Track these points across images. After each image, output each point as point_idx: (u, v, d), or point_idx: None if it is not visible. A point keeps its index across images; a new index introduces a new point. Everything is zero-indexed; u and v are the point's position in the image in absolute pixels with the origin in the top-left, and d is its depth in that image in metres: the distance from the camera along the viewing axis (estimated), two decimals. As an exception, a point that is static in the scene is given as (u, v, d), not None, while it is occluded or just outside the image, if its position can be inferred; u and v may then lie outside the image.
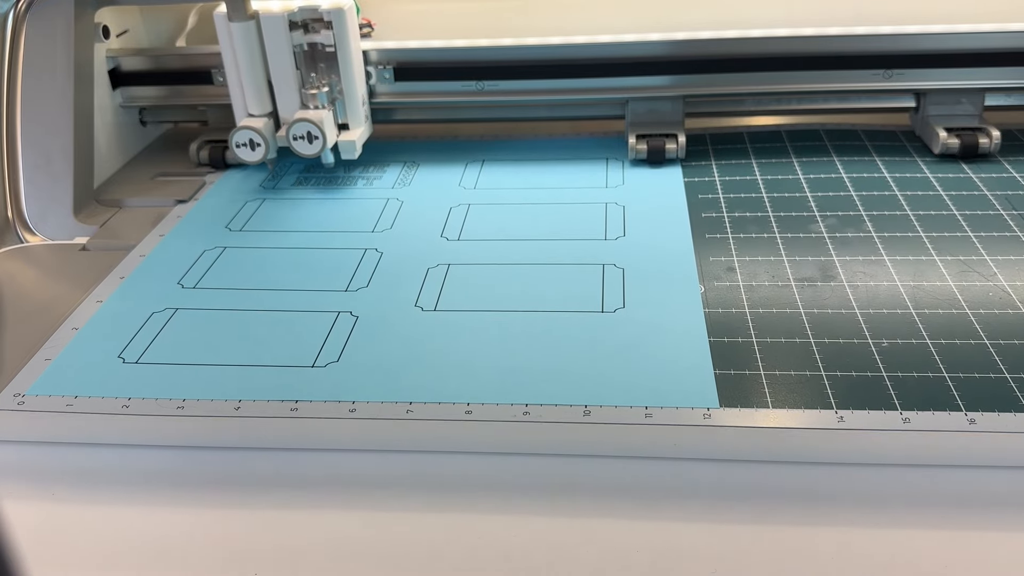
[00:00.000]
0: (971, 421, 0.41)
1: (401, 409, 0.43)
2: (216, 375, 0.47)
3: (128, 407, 0.45)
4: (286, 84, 0.67)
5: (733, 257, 0.55)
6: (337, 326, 0.50)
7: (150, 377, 0.47)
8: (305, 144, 0.66)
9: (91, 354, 0.49)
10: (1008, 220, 0.58)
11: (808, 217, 0.60)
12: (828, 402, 0.42)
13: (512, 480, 0.41)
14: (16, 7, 0.68)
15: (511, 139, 0.78)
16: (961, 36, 0.68)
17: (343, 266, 0.57)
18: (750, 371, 0.45)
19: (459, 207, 0.64)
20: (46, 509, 0.41)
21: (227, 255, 0.59)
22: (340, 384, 0.46)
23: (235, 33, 0.65)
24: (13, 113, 0.67)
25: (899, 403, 0.42)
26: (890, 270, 0.53)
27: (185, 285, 0.56)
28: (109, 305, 0.54)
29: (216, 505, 0.41)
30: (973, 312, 0.49)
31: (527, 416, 0.43)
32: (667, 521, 0.39)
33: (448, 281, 0.55)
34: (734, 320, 0.49)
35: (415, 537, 0.39)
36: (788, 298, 0.51)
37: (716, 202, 0.63)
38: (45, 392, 0.46)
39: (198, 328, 0.51)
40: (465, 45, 0.71)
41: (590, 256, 0.56)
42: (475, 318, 0.51)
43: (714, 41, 0.70)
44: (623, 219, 0.61)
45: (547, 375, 0.45)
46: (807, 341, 0.47)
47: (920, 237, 0.57)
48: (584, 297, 0.52)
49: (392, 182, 0.70)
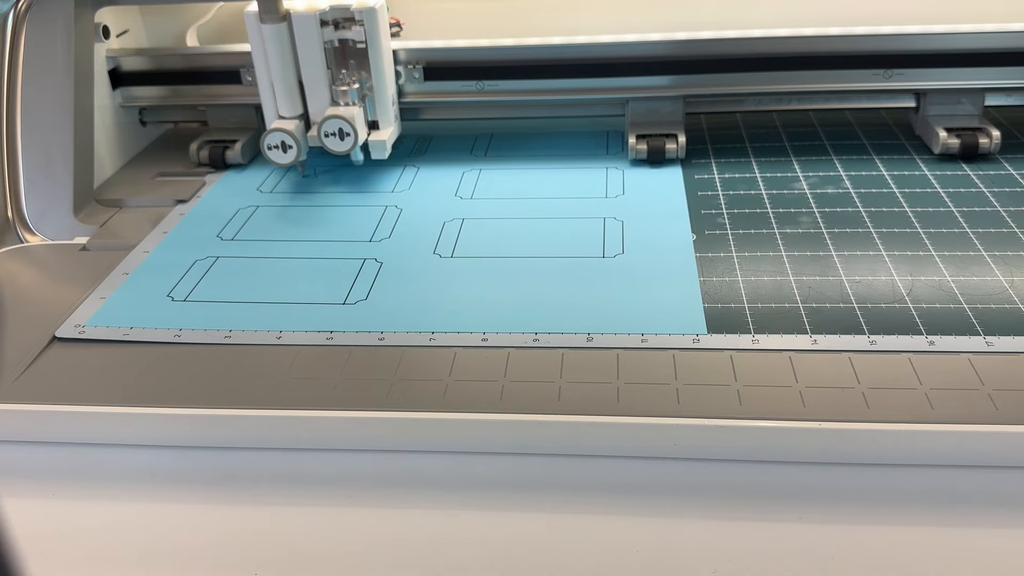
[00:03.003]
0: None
1: (424, 338, 0.48)
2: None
3: (180, 336, 0.49)
4: (317, 84, 0.67)
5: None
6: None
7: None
8: (336, 141, 0.66)
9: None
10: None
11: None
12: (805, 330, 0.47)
13: (511, 479, 0.41)
14: (16, 7, 0.68)
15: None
16: (961, 36, 0.68)
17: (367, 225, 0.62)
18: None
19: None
20: (46, 509, 0.41)
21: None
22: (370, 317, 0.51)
23: (267, 34, 0.65)
24: (13, 113, 0.67)
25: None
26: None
27: (224, 237, 0.61)
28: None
29: (216, 504, 0.41)
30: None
31: (536, 342, 0.47)
32: (667, 520, 0.39)
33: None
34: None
35: (415, 536, 0.39)
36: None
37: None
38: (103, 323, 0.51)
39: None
40: (465, 45, 0.71)
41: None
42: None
43: (714, 41, 0.70)
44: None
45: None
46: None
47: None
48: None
49: (408, 150, 0.74)
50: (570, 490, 0.41)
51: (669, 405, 0.42)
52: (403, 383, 0.45)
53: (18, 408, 0.45)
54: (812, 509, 0.39)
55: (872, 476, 0.40)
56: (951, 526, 0.38)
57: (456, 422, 0.42)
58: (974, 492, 0.39)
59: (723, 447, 0.41)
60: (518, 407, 0.43)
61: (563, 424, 0.42)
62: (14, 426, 0.45)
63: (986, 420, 0.40)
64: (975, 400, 0.41)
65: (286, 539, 0.39)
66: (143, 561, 0.38)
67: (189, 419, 0.43)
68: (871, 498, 0.39)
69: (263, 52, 0.66)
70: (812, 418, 0.41)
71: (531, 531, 0.39)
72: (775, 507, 0.39)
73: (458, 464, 0.42)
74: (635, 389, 0.43)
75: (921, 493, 0.40)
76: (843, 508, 0.39)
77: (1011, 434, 0.40)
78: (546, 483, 0.41)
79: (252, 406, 0.44)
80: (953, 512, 0.39)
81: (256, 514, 0.40)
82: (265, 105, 0.69)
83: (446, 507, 0.40)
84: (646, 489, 0.40)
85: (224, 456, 0.43)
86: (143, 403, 0.44)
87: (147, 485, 0.42)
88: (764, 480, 0.41)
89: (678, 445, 0.41)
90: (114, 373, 0.47)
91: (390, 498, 0.41)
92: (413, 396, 0.44)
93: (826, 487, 0.40)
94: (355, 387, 0.45)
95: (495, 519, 0.39)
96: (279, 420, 0.43)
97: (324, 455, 0.43)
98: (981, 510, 0.39)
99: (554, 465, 0.42)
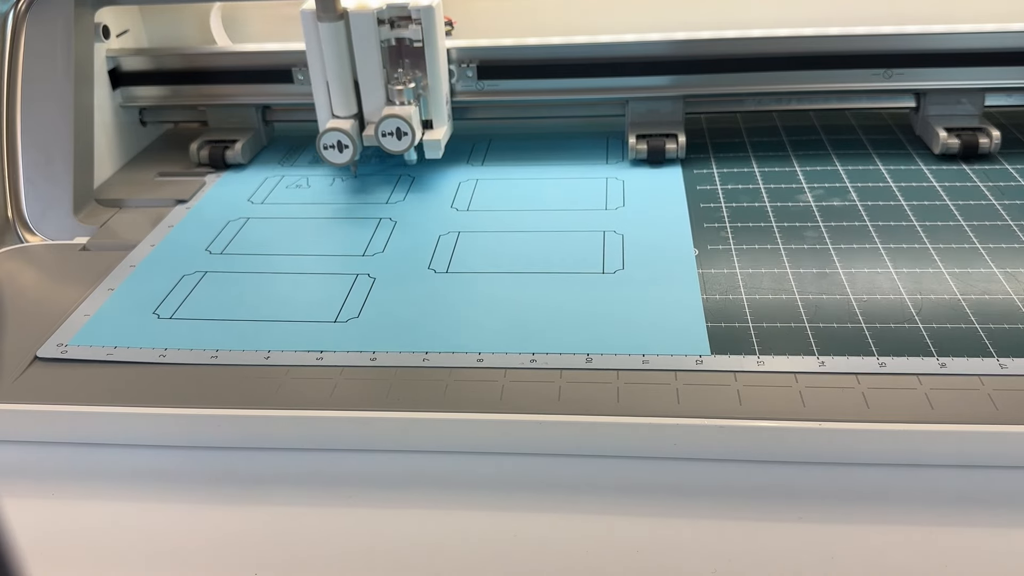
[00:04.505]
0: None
1: (418, 358, 0.46)
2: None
3: (165, 356, 0.48)
4: (373, 83, 0.66)
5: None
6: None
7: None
8: (394, 140, 0.65)
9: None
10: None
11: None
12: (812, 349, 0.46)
13: (511, 479, 0.41)
14: (16, 7, 0.68)
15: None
16: (961, 36, 0.68)
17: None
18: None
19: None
20: (46, 509, 0.41)
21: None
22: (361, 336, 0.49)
23: (323, 33, 0.64)
24: (13, 113, 0.67)
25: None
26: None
27: (212, 251, 0.60)
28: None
29: (216, 504, 0.41)
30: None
31: (533, 363, 0.45)
32: (667, 520, 0.39)
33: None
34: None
35: (415, 536, 0.39)
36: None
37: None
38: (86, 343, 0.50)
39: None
40: (465, 45, 0.71)
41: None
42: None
43: (714, 41, 0.70)
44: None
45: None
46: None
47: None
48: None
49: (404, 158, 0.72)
50: (570, 490, 0.41)
51: (669, 405, 0.42)
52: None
53: (18, 408, 0.45)
54: (812, 509, 0.39)
55: (872, 476, 0.40)
56: (951, 526, 0.38)
57: (456, 422, 0.42)
58: (974, 492, 0.39)
59: (723, 447, 0.41)
60: (518, 407, 0.42)
61: (563, 424, 0.42)
62: (14, 426, 0.45)
63: (986, 420, 0.40)
64: (975, 400, 0.41)
65: (286, 539, 0.39)
66: (143, 561, 0.38)
67: (189, 419, 0.43)
68: (871, 498, 0.39)
69: (319, 51, 0.65)
70: (812, 418, 0.41)
71: (531, 531, 0.39)
72: (775, 507, 0.39)
73: (458, 464, 0.42)
74: (635, 389, 0.43)
75: (921, 493, 0.40)
76: (843, 508, 0.39)
77: (1011, 434, 0.40)
78: (546, 483, 0.41)
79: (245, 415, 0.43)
80: (953, 512, 0.38)
81: (256, 514, 0.40)
82: (318, 104, 0.68)
83: (446, 507, 0.40)
84: (646, 489, 0.40)
85: (224, 456, 0.43)
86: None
87: (147, 485, 0.42)
88: (764, 480, 0.41)
89: (678, 445, 0.41)
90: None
91: (390, 498, 0.41)
92: (413, 396, 0.44)
93: (826, 487, 0.40)
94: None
95: (495, 519, 0.39)
96: (279, 420, 0.43)
97: (324, 455, 0.43)
98: (981, 510, 0.39)
99: (554, 465, 0.42)
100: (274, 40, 0.78)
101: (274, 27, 0.85)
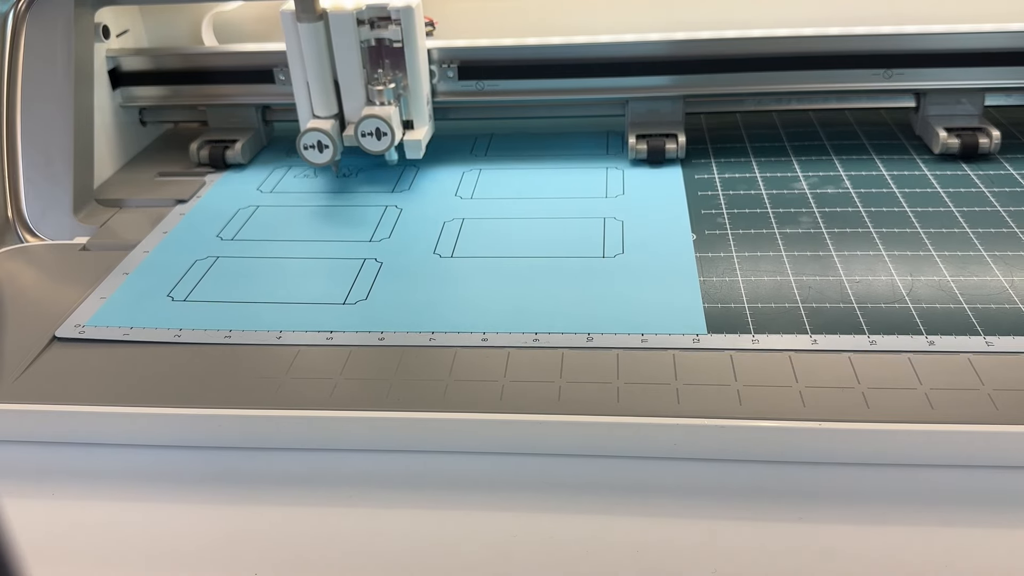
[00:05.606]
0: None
1: (424, 338, 0.48)
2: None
3: (180, 336, 0.49)
4: (353, 83, 0.66)
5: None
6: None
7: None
8: (373, 141, 0.65)
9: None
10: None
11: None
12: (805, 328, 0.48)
13: (511, 479, 0.41)
14: (16, 7, 0.68)
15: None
16: (961, 36, 0.68)
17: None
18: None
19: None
20: (46, 509, 0.41)
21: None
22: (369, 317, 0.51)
23: (303, 33, 0.64)
24: (13, 113, 0.67)
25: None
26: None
27: (224, 237, 0.61)
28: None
29: (216, 504, 0.41)
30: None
31: (536, 342, 0.47)
32: (667, 520, 0.39)
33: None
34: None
35: (415, 536, 0.39)
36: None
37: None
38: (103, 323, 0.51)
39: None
40: (465, 45, 0.71)
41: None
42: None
43: (714, 41, 0.70)
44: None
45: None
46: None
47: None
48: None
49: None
50: (570, 490, 0.41)
51: (669, 405, 0.42)
52: (403, 383, 0.45)
53: (18, 408, 0.45)
54: (812, 509, 0.39)
55: (872, 476, 0.40)
56: (951, 526, 0.38)
57: (456, 422, 0.42)
58: (974, 492, 0.39)
59: (723, 447, 0.41)
60: (518, 407, 0.43)
61: (563, 424, 0.42)
62: (14, 426, 0.45)
63: (986, 420, 0.40)
64: (975, 400, 0.41)
65: (286, 539, 0.39)
66: (143, 561, 0.38)
67: (189, 419, 0.43)
68: (871, 498, 0.39)
69: (299, 51, 0.65)
70: (812, 418, 0.41)
71: (531, 531, 0.39)
72: (775, 507, 0.39)
73: (458, 464, 0.42)
74: (635, 389, 0.43)
75: (921, 493, 0.40)
76: (843, 508, 0.39)
77: (1011, 434, 0.40)
78: (546, 483, 0.41)
79: (252, 406, 0.44)
80: (953, 512, 0.38)
81: (256, 514, 0.40)
82: (299, 105, 0.68)
83: (446, 507, 0.40)
84: (646, 489, 0.40)
85: (224, 456, 0.43)
86: (143, 403, 0.44)
87: (147, 485, 0.42)
88: (764, 480, 0.41)
89: (678, 445, 0.41)
90: (114, 373, 0.47)
91: (390, 498, 0.41)
92: (413, 396, 0.44)
93: (826, 487, 0.40)
94: (355, 387, 0.45)
95: (495, 519, 0.39)
96: (279, 420, 0.43)
97: (325, 455, 0.43)
98: (981, 510, 0.39)
99: (554, 465, 0.42)
100: (273, 40, 0.78)
101: (273, 28, 0.85)
